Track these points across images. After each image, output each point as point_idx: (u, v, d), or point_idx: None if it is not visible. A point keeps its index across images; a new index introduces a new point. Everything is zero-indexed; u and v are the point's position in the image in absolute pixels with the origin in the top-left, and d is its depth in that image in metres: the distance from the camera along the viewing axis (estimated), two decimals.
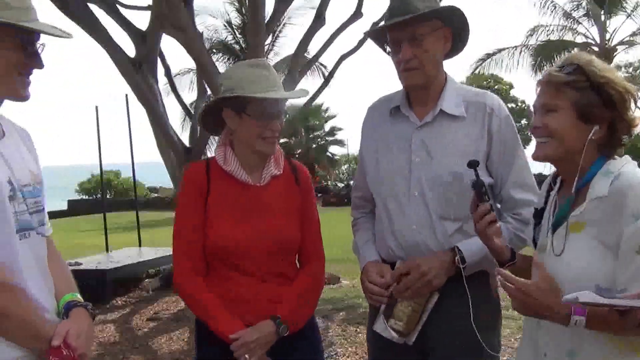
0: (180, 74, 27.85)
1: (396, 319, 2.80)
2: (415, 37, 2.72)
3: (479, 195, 2.40)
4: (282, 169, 2.93)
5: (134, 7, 10.22)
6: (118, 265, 10.39)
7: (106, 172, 33.33)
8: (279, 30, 29.28)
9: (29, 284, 2.17)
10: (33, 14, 2.18)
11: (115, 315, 9.01)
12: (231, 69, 2.96)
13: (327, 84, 10.65)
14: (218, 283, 2.81)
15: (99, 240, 12.91)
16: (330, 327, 7.68)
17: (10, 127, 2.34)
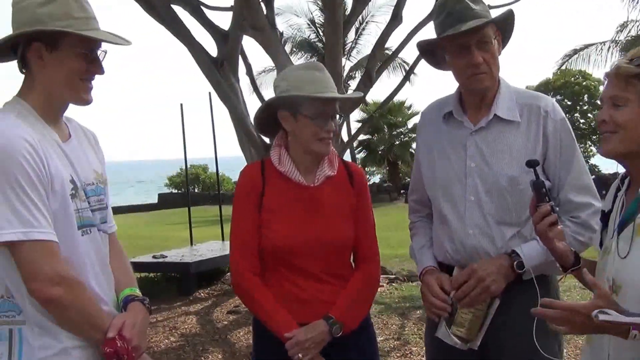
0: (264, 71, 28.27)
1: (458, 325, 2.80)
2: (483, 41, 2.74)
3: (539, 195, 2.36)
4: (337, 170, 2.96)
5: (216, 8, 10.45)
6: (201, 258, 10.61)
7: (194, 166, 34.15)
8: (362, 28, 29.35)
9: (89, 277, 2.31)
10: (94, 23, 2.32)
11: (198, 307, 9.25)
12: (286, 71, 3.03)
13: (407, 80, 10.62)
14: (273, 282, 2.88)
15: (185, 233, 13.25)
16: (406, 325, 7.69)
17: (77, 129, 2.49)
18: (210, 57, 9.20)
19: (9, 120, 2.21)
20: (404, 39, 9.66)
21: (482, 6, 2.80)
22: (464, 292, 2.76)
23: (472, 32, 2.71)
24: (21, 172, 2.12)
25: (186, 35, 8.94)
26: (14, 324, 2.23)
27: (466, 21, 2.72)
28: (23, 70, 2.33)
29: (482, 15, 2.75)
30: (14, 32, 2.26)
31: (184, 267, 10.27)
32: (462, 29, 2.70)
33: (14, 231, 2.10)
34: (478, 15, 2.74)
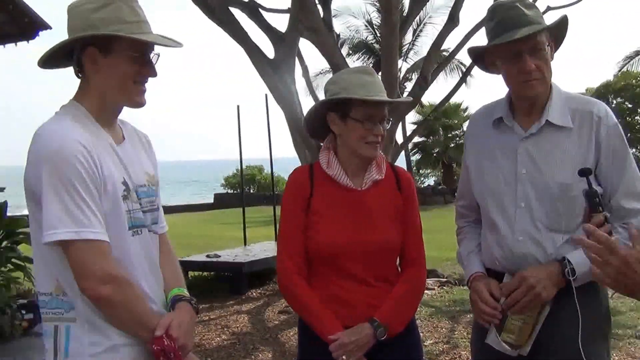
0: (321, 73, 28.36)
1: (508, 332, 2.78)
2: (536, 48, 2.71)
3: (592, 205, 2.31)
4: (384, 174, 2.97)
5: (274, 10, 10.56)
6: (254, 258, 10.72)
7: (250, 167, 34.40)
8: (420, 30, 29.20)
9: (139, 277, 2.36)
10: (146, 26, 2.37)
11: (250, 307, 9.34)
12: (337, 75, 3.05)
13: (463, 83, 10.55)
14: (319, 284, 2.89)
15: (240, 233, 13.39)
16: (455, 328, 7.64)
17: (131, 132, 2.55)
18: (266, 58, 9.29)
19: (64, 123, 2.27)
20: (461, 41, 9.61)
21: (535, 12, 2.77)
22: (514, 299, 2.74)
23: (525, 39, 2.68)
24: (75, 173, 2.18)
25: (243, 37, 9.06)
26: (61, 320, 2.29)
27: (519, 28, 2.68)
28: (79, 74, 2.40)
29: (535, 21, 2.72)
30: (69, 38, 2.33)
31: (237, 267, 10.38)
32: (516, 37, 2.67)
33: (67, 230, 2.15)
34: (531, 22, 2.71)
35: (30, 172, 2.24)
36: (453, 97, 10.91)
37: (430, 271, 10.32)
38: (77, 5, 2.34)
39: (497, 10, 2.78)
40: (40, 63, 2.40)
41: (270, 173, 14.28)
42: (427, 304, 8.88)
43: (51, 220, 2.16)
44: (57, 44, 2.34)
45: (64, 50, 2.36)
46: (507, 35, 2.69)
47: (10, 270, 8.19)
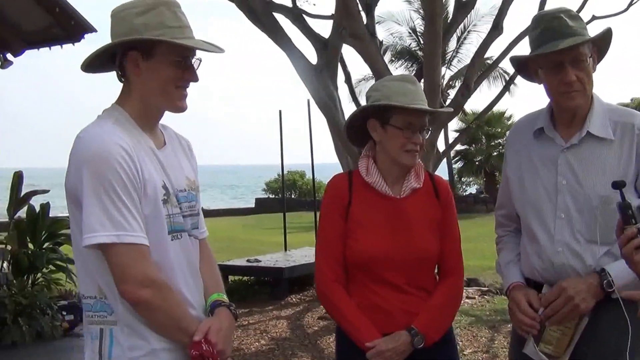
0: (364, 79, 28.35)
1: (546, 342, 2.77)
2: (578, 59, 2.69)
3: (625, 217, 2.30)
4: (423, 182, 2.98)
5: (318, 16, 10.60)
6: (295, 264, 10.74)
7: (292, 172, 34.50)
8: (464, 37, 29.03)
9: (179, 281, 2.37)
10: (188, 32, 2.39)
11: (289, 312, 9.36)
12: (379, 82, 3.06)
13: (506, 91, 10.47)
14: (358, 292, 2.90)
15: (280, 238, 13.44)
16: (495, 338, 7.57)
17: (172, 137, 2.57)
18: (309, 64, 9.32)
19: (106, 127, 2.30)
20: (505, 49, 9.54)
21: (579, 23, 2.75)
22: (553, 309, 2.73)
23: (568, 50, 2.66)
24: (115, 177, 2.19)
25: (287, 42, 9.11)
26: (106, 324, 2.31)
27: (562, 38, 2.67)
28: (122, 78, 2.42)
29: (578, 32, 2.70)
30: (112, 42, 2.35)
31: (277, 272, 10.42)
32: (558, 47, 2.65)
33: (107, 234, 2.17)
34: (574, 33, 2.69)
35: (72, 175, 2.26)
36: (496, 105, 10.83)
37: (472, 280, 10.27)
38: (120, 10, 2.37)
39: (541, 19, 2.77)
40: (83, 67, 2.43)
41: (312, 179, 14.31)
42: (468, 313, 8.81)
43: (91, 224, 2.18)
44: (100, 47, 2.37)
45: (106, 54, 2.39)
46: (549, 46, 2.68)
47: (52, 271, 8.34)
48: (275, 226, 18.44)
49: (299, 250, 12.60)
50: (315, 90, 9.12)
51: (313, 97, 9.29)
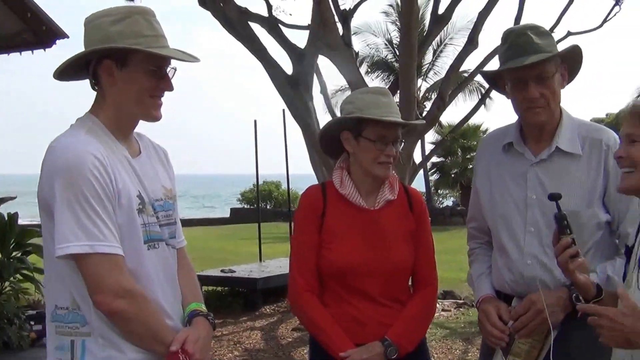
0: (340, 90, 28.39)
1: (514, 355, 2.79)
2: (542, 76, 2.73)
3: (561, 228, 2.43)
4: (397, 194, 2.98)
5: (293, 26, 10.61)
6: (269, 274, 10.69)
7: (267, 183, 34.41)
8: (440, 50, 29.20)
9: (156, 291, 2.34)
10: (163, 41, 2.37)
11: (263, 323, 9.32)
12: (352, 94, 3.08)
13: (481, 105, 10.54)
14: (331, 302, 2.90)
15: (255, 249, 13.39)
16: (469, 350, 7.60)
17: (148, 146, 2.54)
18: (285, 74, 9.32)
19: (79, 136, 2.27)
20: (480, 63, 9.61)
21: (547, 40, 2.79)
22: (522, 322, 2.75)
23: (531, 66, 2.70)
24: (88, 186, 2.17)
25: (262, 52, 9.09)
26: (78, 335, 2.27)
27: (527, 55, 2.71)
28: (95, 87, 2.39)
29: (543, 49, 2.73)
30: (86, 50, 2.33)
31: (252, 283, 10.37)
32: (522, 64, 2.70)
33: (80, 244, 2.15)
34: (540, 50, 2.72)
35: (44, 185, 2.24)
36: (472, 118, 10.90)
37: (447, 292, 10.27)
38: (94, 18, 2.35)
39: (509, 35, 2.83)
40: (56, 75, 2.40)
41: (287, 189, 14.29)
42: (443, 325, 8.83)
43: (64, 234, 2.15)
44: (74, 55, 2.34)
45: (80, 62, 2.36)
46: (514, 62, 2.73)
47: (20, 280, 8.22)
48: (250, 236, 18.37)
49: (273, 261, 12.54)
50: (290, 100, 9.12)
51: (288, 107, 9.28)
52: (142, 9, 2.36)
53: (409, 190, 3.08)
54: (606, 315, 2.11)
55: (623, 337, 2.10)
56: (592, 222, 2.76)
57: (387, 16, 29.57)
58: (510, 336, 2.78)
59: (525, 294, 2.79)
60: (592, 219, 2.76)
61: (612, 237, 2.82)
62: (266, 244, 13.52)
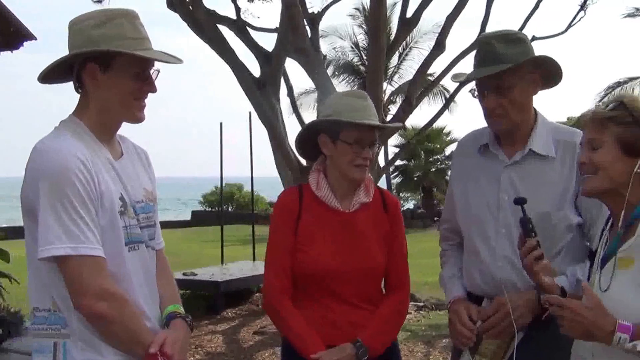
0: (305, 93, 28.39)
1: (481, 355, 2.82)
2: (500, 87, 2.76)
3: (526, 231, 2.51)
4: (372, 196, 3.00)
5: (262, 29, 10.59)
6: (231, 278, 10.63)
7: (229, 185, 34.19)
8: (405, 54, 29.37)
9: (136, 293, 2.36)
10: (147, 43, 2.38)
11: (225, 327, 9.25)
12: (330, 98, 3.11)
13: (446, 109, 10.61)
14: (305, 304, 2.91)
15: (217, 252, 13.29)
16: (431, 353, 7.66)
17: (130, 148, 2.56)
18: (252, 77, 9.28)
19: (63, 139, 2.28)
20: (446, 67, 9.69)
21: (516, 48, 2.78)
22: (491, 324, 2.78)
23: (489, 77, 2.74)
24: (72, 189, 2.18)
25: (230, 55, 9.05)
26: (59, 337, 2.27)
27: (487, 65, 2.75)
28: (79, 90, 2.40)
29: (506, 60, 2.73)
30: (70, 53, 2.34)
31: (213, 286, 10.29)
32: (478, 76, 2.77)
33: (63, 246, 2.15)
34: (502, 60, 2.73)
35: (28, 187, 2.24)
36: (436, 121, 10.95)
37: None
38: (78, 21, 2.36)
39: (478, 43, 2.90)
40: (40, 78, 2.41)
41: (251, 192, 14.21)
42: (404, 328, 8.84)
43: (47, 236, 2.16)
44: (58, 59, 2.35)
45: (64, 65, 2.37)
46: (473, 72, 2.81)
47: None
48: (212, 239, 18.26)
49: (236, 264, 12.48)
50: (257, 103, 9.09)
51: (255, 109, 9.24)
52: (125, 11, 2.37)
53: (384, 193, 3.10)
54: (569, 307, 2.20)
55: (583, 329, 2.18)
56: (562, 224, 2.78)
57: (354, 19, 29.66)
58: (478, 336, 2.81)
59: (495, 296, 2.82)
60: (562, 221, 2.78)
61: (584, 240, 2.84)
62: (228, 247, 13.42)
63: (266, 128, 9.33)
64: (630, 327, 2.11)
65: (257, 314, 9.87)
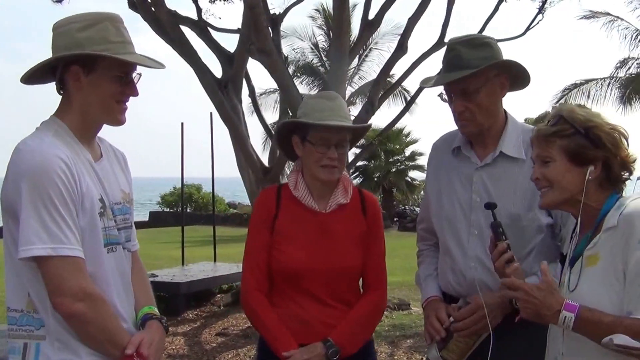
0: (265, 93, 28.31)
1: (450, 351, 2.88)
2: (466, 91, 2.82)
3: (497, 235, 2.59)
4: (350, 198, 3.03)
5: (224, 30, 10.55)
6: (192, 279, 10.50)
7: (188, 186, 33.89)
8: (365, 55, 29.42)
9: (112, 294, 2.38)
10: (130, 47, 2.42)
11: (186, 328, 9.17)
12: (305, 99, 3.16)
13: (407, 110, 10.69)
14: (280, 303, 2.95)
15: (177, 253, 13.18)
16: (395, 353, 7.68)
17: (108, 150, 2.59)
18: (215, 78, 9.23)
19: (46, 139, 2.30)
20: (408, 69, 9.74)
21: (482, 52, 2.83)
22: (466, 325, 2.83)
23: (455, 82, 2.80)
24: (54, 189, 2.20)
25: (192, 56, 8.99)
26: (31, 338, 2.28)
27: (452, 71, 2.82)
28: (61, 91, 2.42)
29: (470, 65, 2.79)
30: (54, 56, 2.36)
31: (174, 287, 10.16)
32: (443, 82, 2.85)
33: (44, 246, 2.17)
34: (466, 66, 2.79)
35: (9, 187, 2.24)
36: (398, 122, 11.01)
37: None
38: (62, 24, 2.39)
39: (447, 48, 2.94)
40: (23, 80, 2.43)
41: (212, 192, 14.12)
42: None
43: (28, 236, 2.17)
44: (43, 61, 2.38)
45: (47, 67, 2.39)
46: (439, 78, 2.89)
47: None
48: (170, 240, 18.12)
49: (196, 265, 12.35)
50: (219, 103, 9.04)
51: (217, 110, 9.19)
52: (110, 15, 2.42)
53: (363, 194, 3.13)
54: (522, 288, 2.31)
55: (534, 309, 2.29)
56: (533, 225, 2.84)
57: (314, 20, 29.62)
58: (450, 333, 2.86)
59: (467, 295, 2.88)
60: (533, 222, 2.84)
61: (555, 241, 2.91)
62: (187, 248, 13.30)
63: (228, 128, 9.28)
64: (577, 306, 2.20)
65: (218, 315, 9.82)
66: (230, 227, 27.39)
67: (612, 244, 2.27)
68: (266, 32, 7.59)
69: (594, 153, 2.34)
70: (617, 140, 2.36)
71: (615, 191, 2.40)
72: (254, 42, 8.21)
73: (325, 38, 28.99)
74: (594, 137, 2.34)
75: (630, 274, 2.21)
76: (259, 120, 11.69)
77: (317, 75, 29.11)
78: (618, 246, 2.25)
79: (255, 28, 7.65)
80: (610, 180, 2.38)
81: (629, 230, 2.22)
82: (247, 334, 8.56)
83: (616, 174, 2.38)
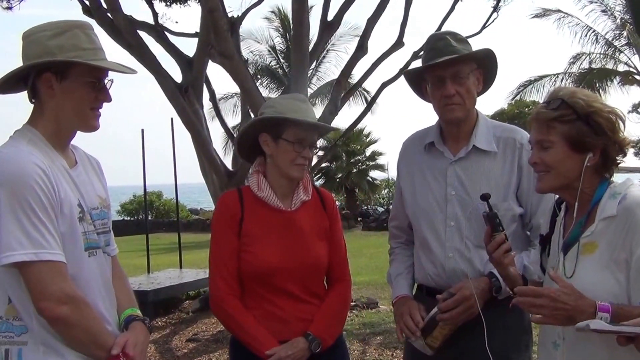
0: (224, 98, 28.19)
1: (434, 338, 2.94)
2: (458, 75, 2.92)
3: (493, 226, 2.59)
4: (311, 195, 3.11)
5: (182, 34, 10.48)
6: (159, 286, 10.43)
7: (148, 193, 33.59)
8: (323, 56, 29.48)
9: (95, 297, 2.40)
10: (102, 54, 2.43)
11: (156, 336, 9.09)
12: (273, 100, 3.18)
13: (369, 110, 10.75)
14: (253, 304, 2.98)
15: (140, 262, 13.05)
16: (367, 350, 7.71)
17: (82, 157, 2.59)
18: (175, 83, 9.16)
19: (21, 147, 2.30)
20: (369, 69, 9.79)
21: (464, 45, 2.98)
22: (453, 316, 2.87)
23: (447, 65, 2.90)
24: (33, 195, 2.20)
25: (151, 61, 8.90)
26: (13, 344, 2.28)
27: (444, 56, 2.90)
28: (32, 100, 2.42)
29: (459, 52, 2.93)
30: (25, 64, 2.36)
31: (141, 296, 10.03)
32: (437, 61, 2.89)
33: (26, 252, 2.17)
34: (457, 52, 2.92)
35: None
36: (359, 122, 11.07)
37: None
38: (33, 32, 2.39)
39: (430, 40, 3.04)
40: None
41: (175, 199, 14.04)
42: None
43: (9, 242, 2.17)
44: (14, 70, 2.38)
45: (18, 76, 2.39)
46: (434, 61, 2.92)
47: None
48: (133, 249, 17.93)
49: (162, 272, 12.27)
50: (181, 108, 8.98)
51: (179, 115, 9.12)
52: (80, 23, 2.43)
53: (320, 191, 3.22)
54: (547, 295, 2.22)
55: (565, 315, 2.19)
56: (507, 214, 2.92)
57: (270, 22, 29.57)
58: (435, 322, 2.90)
59: (447, 286, 2.93)
60: (507, 212, 2.93)
61: (524, 230, 3.03)
62: (151, 256, 13.15)
63: (191, 133, 9.23)
64: (609, 306, 2.16)
65: (187, 321, 9.77)
66: (193, 233, 27.25)
67: (611, 233, 2.28)
68: (226, 35, 7.55)
69: (594, 141, 2.33)
70: (615, 125, 2.36)
71: (606, 175, 2.41)
72: (214, 46, 8.18)
73: (282, 40, 28.98)
74: (594, 124, 2.33)
75: (634, 268, 2.21)
76: (221, 124, 11.66)
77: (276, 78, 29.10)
78: (619, 236, 2.25)
79: (215, 31, 7.62)
80: (605, 166, 2.39)
81: (632, 220, 2.23)
82: (218, 339, 8.54)
83: (612, 159, 2.39)
